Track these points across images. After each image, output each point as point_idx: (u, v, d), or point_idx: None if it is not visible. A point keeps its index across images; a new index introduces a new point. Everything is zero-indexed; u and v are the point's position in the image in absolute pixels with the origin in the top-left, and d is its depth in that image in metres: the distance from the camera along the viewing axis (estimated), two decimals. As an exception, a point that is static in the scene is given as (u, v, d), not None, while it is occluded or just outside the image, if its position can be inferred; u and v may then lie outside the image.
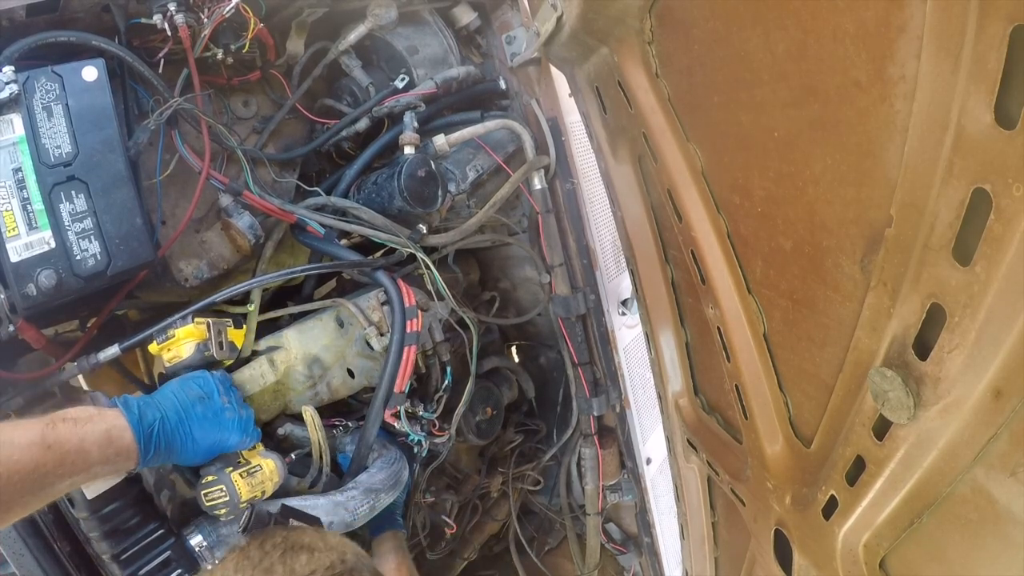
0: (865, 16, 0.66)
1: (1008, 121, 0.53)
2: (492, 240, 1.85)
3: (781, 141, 0.86)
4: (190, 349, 1.21)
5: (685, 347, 1.45)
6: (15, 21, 1.12)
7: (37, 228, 1.10)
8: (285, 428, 1.53)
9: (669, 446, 1.66)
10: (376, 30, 1.60)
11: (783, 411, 1.06)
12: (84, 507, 1.08)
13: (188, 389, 1.16)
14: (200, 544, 1.12)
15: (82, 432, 0.96)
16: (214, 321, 1.25)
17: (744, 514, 1.26)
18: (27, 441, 0.89)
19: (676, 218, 1.19)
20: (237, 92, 1.56)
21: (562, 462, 2.12)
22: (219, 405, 1.17)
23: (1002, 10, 0.51)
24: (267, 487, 1.19)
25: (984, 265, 0.59)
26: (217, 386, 1.19)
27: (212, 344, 1.23)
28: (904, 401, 0.71)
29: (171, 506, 1.21)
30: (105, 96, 1.17)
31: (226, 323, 1.28)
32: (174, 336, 1.22)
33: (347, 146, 1.69)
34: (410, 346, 1.41)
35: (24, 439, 0.89)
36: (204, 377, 1.20)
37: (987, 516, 0.69)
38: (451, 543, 1.94)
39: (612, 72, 1.25)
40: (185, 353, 1.22)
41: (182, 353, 1.22)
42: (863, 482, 0.83)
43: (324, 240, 1.49)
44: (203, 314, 1.24)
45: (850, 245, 0.79)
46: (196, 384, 1.18)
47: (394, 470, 1.37)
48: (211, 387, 1.18)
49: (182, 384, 1.17)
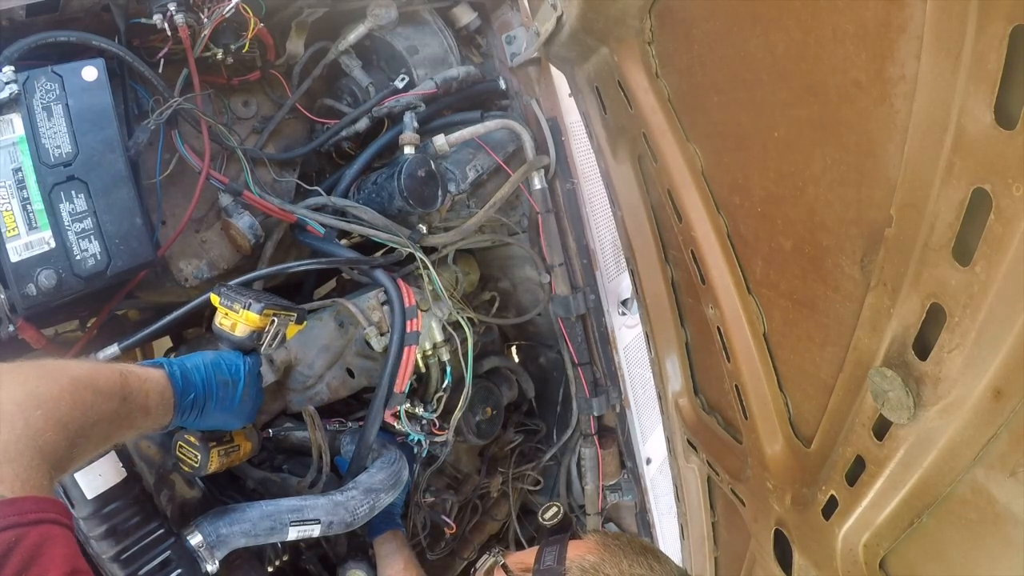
0: (865, 16, 0.66)
1: (1008, 121, 0.53)
2: (492, 240, 1.84)
3: (781, 141, 0.86)
4: (244, 331, 1.22)
5: (685, 347, 1.45)
6: (15, 21, 1.12)
7: (37, 228, 1.10)
8: (285, 428, 1.53)
9: (669, 446, 1.66)
10: (376, 30, 1.60)
11: (783, 411, 1.06)
12: (84, 507, 1.08)
13: (219, 371, 1.16)
14: (200, 544, 1.12)
15: (147, 388, 0.97)
16: (281, 318, 1.26)
17: (744, 514, 1.27)
18: (109, 390, 0.89)
19: (676, 218, 1.19)
20: (237, 92, 1.56)
21: (562, 462, 2.11)
22: (239, 396, 1.18)
23: (1002, 10, 0.51)
24: (235, 462, 1.29)
25: (984, 265, 0.59)
26: (245, 376, 1.20)
27: (267, 337, 1.24)
28: (904, 401, 0.71)
29: (171, 506, 1.21)
30: (105, 96, 1.17)
31: (290, 318, 1.29)
32: (238, 313, 1.22)
33: (347, 146, 1.69)
34: (410, 346, 1.41)
35: (106, 387, 0.89)
36: (237, 365, 1.20)
37: (987, 516, 0.69)
38: (451, 543, 1.94)
39: (612, 72, 1.25)
40: (238, 332, 1.22)
41: (235, 330, 1.23)
42: (863, 482, 0.84)
43: (324, 240, 1.49)
44: (276, 308, 1.25)
45: (850, 245, 0.79)
46: (227, 369, 1.18)
47: (394, 470, 1.37)
48: (239, 376, 1.19)
49: (215, 364, 1.16)
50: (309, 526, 1.21)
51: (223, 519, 1.15)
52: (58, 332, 1.43)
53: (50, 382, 0.81)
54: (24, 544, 0.64)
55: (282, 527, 1.18)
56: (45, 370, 0.84)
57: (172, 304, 1.34)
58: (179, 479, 1.25)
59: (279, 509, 1.20)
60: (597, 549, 0.97)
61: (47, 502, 0.70)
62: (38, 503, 0.69)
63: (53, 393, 0.80)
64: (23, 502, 0.67)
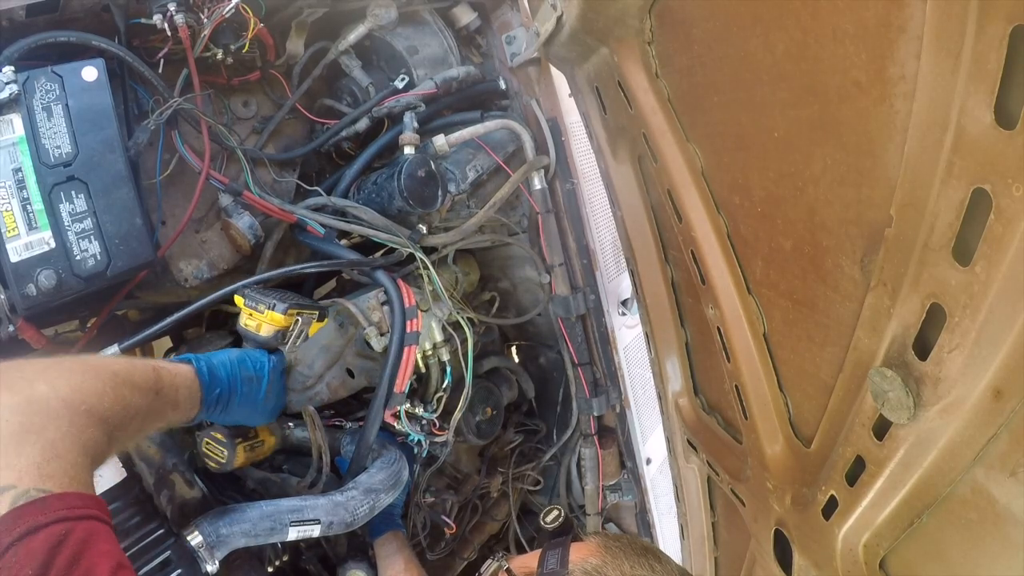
0: (865, 16, 0.66)
1: (1008, 121, 0.53)
2: (492, 240, 1.84)
3: (781, 141, 0.86)
4: (269, 331, 1.25)
5: (685, 347, 1.45)
6: (15, 21, 1.12)
7: (37, 228, 1.10)
8: (285, 428, 1.53)
9: (669, 446, 1.66)
10: (376, 30, 1.60)
11: (783, 411, 1.06)
12: (84, 507, 1.07)
13: (244, 367, 1.19)
14: (200, 544, 1.12)
15: (176, 383, 1.01)
16: (304, 317, 1.29)
17: (744, 514, 1.26)
18: (145, 385, 0.92)
19: (676, 218, 1.19)
20: (237, 92, 1.55)
21: (562, 462, 2.12)
22: (263, 392, 1.21)
23: (1002, 10, 0.51)
24: (259, 457, 1.34)
25: (984, 265, 0.59)
26: (269, 374, 1.23)
27: (291, 336, 1.27)
28: (904, 401, 0.71)
29: (171, 506, 1.21)
30: (105, 96, 1.17)
31: (312, 317, 1.32)
32: (263, 314, 1.25)
33: (347, 146, 1.69)
34: (410, 346, 1.41)
35: (142, 382, 0.91)
36: (262, 362, 1.23)
37: (987, 516, 0.69)
38: (451, 543, 1.94)
39: (612, 72, 1.25)
40: (263, 332, 1.25)
41: (260, 331, 1.26)
42: (863, 482, 0.84)
43: (324, 240, 1.49)
44: (300, 308, 1.28)
45: (850, 245, 0.79)
46: (252, 366, 1.21)
47: (394, 470, 1.37)
48: (264, 373, 1.22)
49: (241, 360, 1.20)
50: (309, 526, 1.21)
51: (223, 519, 1.15)
52: (58, 332, 1.43)
53: (94, 379, 0.83)
54: (72, 538, 0.65)
55: (282, 527, 1.18)
56: (88, 366, 0.86)
57: (172, 304, 1.34)
58: (179, 479, 1.26)
59: (279, 509, 1.20)
60: (599, 551, 0.98)
61: (91, 499, 0.72)
62: (83, 499, 0.70)
63: (97, 389, 0.82)
64: (70, 497, 0.69)
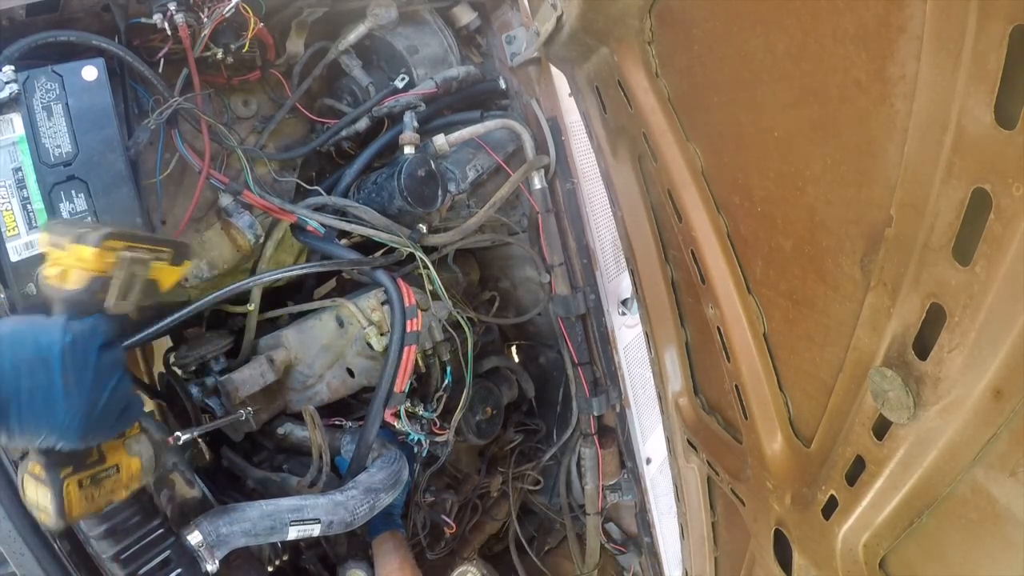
0: (865, 16, 0.66)
1: (1008, 121, 0.53)
2: (492, 240, 1.85)
3: (781, 141, 0.86)
4: (80, 279, 0.82)
5: (685, 347, 1.45)
6: (15, 21, 1.12)
7: (37, 227, 1.10)
8: (285, 428, 1.53)
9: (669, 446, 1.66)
10: (376, 30, 1.60)
11: (783, 411, 1.06)
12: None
13: (21, 346, 0.79)
14: (200, 544, 1.12)
15: None
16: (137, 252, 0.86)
17: (744, 514, 1.26)
18: None
19: (676, 218, 1.19)
20: (237, 92, 1.56)
21: (562, 462, 2.12)
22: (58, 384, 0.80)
23: (1002, 10, 0.51)
24: (116, 497, 0.89)
25: (984, 265, 0.59)
26: (62, 352, 0.80)
27: (114, 287, 0.84)
28: (904, 401, 0.71)
29: (171, 506, 1.21)
30: (105, 96, 1.17)
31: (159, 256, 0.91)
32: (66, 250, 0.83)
33: (347, 146, 1.69)
34: (410, 346, 1.41)
35: None
36: (50, 335, 0.81)
37: (987, 516, 0.69)
38: (451, 543, 1.94)
39: (612, 72, 1.25)
40: (71, 283, 0.82)
41: (67, 279, 0.82)
42: (863, 482, 0.83)
43: (324, 239, 1.49)
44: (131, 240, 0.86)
45: (850, 245, 0.79)
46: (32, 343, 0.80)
47: (394, 470, 1.37)
48: (53, 352, 0.79)
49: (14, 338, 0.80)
50: (309, 526, 1.21)
51: (223, 519, 1.15)
52: (58, 332, 1.42)
53: None
54: None
55: (282, 527, 1.18)
56: None
57: (172, 304, 1.34)
58: (179, 479, 1.25)
59: (279, 509, 1.20)
60: None
61: None
62: None
63: None
64: None
